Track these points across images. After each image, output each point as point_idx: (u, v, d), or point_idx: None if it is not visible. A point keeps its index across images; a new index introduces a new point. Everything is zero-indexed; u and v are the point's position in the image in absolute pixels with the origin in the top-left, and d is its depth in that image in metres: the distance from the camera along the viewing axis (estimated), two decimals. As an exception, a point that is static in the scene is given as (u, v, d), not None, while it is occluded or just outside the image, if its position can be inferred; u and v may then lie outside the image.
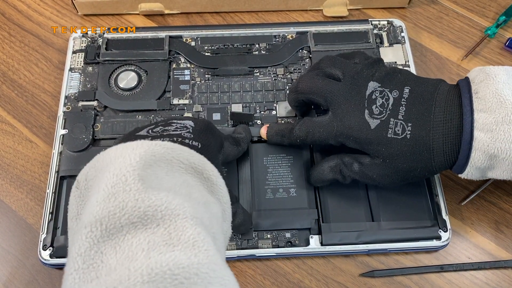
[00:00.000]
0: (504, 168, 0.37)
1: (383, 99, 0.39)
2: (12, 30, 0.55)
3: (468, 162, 0.37)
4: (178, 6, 0.56)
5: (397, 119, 0.38)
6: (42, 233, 0.43)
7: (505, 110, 0.36)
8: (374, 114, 0.39)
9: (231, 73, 0.51)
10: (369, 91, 0.40)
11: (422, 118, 0.38)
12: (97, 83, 0.50)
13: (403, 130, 0.38)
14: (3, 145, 0.49)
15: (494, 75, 0.37)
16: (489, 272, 0.44)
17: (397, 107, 0.39)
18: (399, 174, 0.40)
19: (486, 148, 0.36)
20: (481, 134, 0.36)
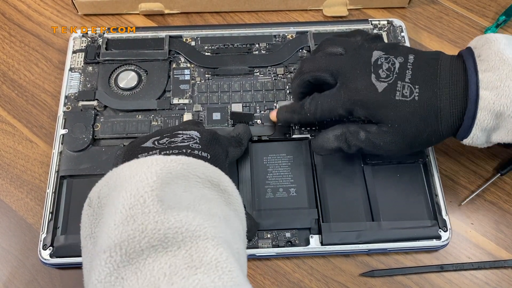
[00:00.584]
0: (508, 127, 0.37)
1: (389, 64, 0.39)
2: (12, 30, 0.55)
3: (474, 122, 0.37)
4: (178, 6, 0.56)
5: (404, 82, 0.39)
6: (42, 233, 0.43)
7: (508, 67, 0.36)
8: (381, 77, 0.39)
9: (231, 72, 0.51)
10: (374, 58, 0.40)
11: (429, 81, 0.38)
12: (97, 83, 0.50)
13: (411, 92, 0.38)
14: (3, 145, 0.49)
15: (495, 38, 0.38)
16: (489, 272, 0.44)
17: (404, 70, 0.39)
18: (406, 140, 0.39)
19: (492, 106, 0.36)
20: (486, 93, 0.37)
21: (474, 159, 0.49)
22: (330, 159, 0.46)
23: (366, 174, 0.45)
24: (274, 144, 0.47)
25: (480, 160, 0.49)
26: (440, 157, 0.48)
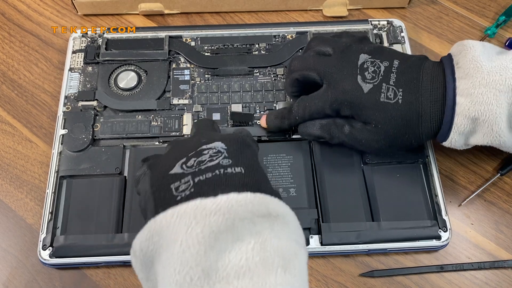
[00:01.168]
0: (484, 131, 0.39)
1: (375, 67, 0.41)
2: (12, 30, 0.55)
3: (452, 127, 0.39)
4: (178, 6, 0.56)
5: (388, 85, 0.40)
6: (42, 233, 0.43)
7: (481, 74, 0.38)
8: (366, 79, 0.40)
9: (231, 73, 0.51)
10: (360, 61, 0.41)
11: (412, 85, 0.40)
12: (97, 83, 0.50)
13: (395, 95, 0.40)
14: (3, 145, 0.49)
15: (471, 46, 0.40)
16: (489, 272, 0.44)
17: (388, 74, 0.40)
18: (387, 140, 0.41)
19: (467, 112, 0.38)
20: (462, 99, 0.38)
21: (474, 159, 0.49)
22: (330, 160, 0.46)
23: (366, 174, 0.45)
24: (274, 144, 0.47)
25: (480, 160, 0.49)
26: (440, 157, 0.48)
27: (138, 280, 0.41)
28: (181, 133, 0.47)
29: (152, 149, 0.47)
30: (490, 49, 0.40)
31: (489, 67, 0.38)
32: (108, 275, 0.43)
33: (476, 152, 0.49)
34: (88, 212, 0.43)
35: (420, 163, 0.46)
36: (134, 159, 0.46)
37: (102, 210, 0.44)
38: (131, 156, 0.46)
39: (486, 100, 0.37)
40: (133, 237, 0.42)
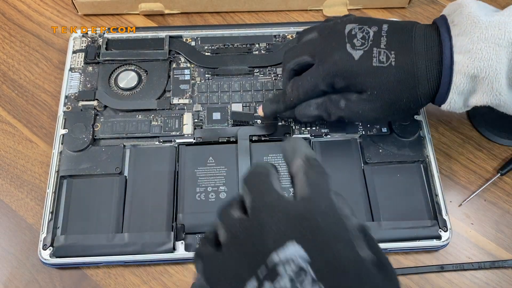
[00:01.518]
0: (484, 89, 0.37)
1: (363, 33, 0.40)
2: (12, 30, 0.55)
3: (451, 87, 0.38)
4: (178, 6, 0.56)
5: (380, 48, 0.39)
6: (42, 233, 0.43)
7: (479, 29, 0.36)
8: (356, 46, 0.39)
9: (231, 72, 0.51)
10: (347, 29, 0.40)
11: (404, 46, 0.39)
12: (97, 83, 0.50)
13: (387, 58, 0.39)
14: (3, 145, 0.49)
15: (466, 3, 0.38)
16: (489, 272, 0.44)
17: (378, 38, 0.39)
18: (385, 107, 0.40)
19: (466, 69, 0.37)
20: (460, 57, 0.37)
21: (474, 159, 0.49)
22: (330, 160, 0.46)
23: (366, 174, 0.45)
24: (274, 144, 0.47)
25: (480, 160, 0.49)
26: (440, 157, 0.48)
27: (138, 279, 0.41)
28: (181, 132, 0.47)
29: (152, 148, 0.47)
30: (486, 7, 0.39)
31: (487, 22, 0.37)
32: (108, 275, 0.43)
33: (476, 152, 0.49)
34: (89, 212, 0.43)
35: (420, 163, 0.46)
36: (134, 158, 0.46)
37: (102, 210, 0.44)
38: (131, 156, 0.46)
39: (486, 56, 0.36)
40: (133, 237, 0.42)
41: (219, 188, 0.45)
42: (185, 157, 0.46)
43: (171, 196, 0.44)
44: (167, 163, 0.46)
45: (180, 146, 0.47)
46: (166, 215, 0.43)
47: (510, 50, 0.36)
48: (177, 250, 0.42)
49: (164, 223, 0.43)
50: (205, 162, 0.46)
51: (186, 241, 0.43)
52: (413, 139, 0.47)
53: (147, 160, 0.46)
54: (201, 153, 0.46)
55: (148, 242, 0.42)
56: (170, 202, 0.44)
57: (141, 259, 0.42)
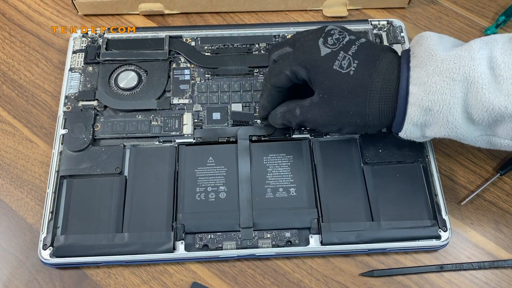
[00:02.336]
0: (440, 123, 0.37)
1: (340, 35, 0.41)
2: (12, 31, 0.55)
3: (405, 117, 0.38)
4: (178, 6, 0.56)
5: (346, 54, 0.39)
6: (42, 233, 0.43)
7: (435, 62, 0.37)
8: (327, 43, 0.40)
9: (231, 72, 0.51)
10: (329, 28, 0.41)
11: (369, 60, 0.39)
12: (97, 83, 0.50)
13: (349, 65, 0.39)
14: (4, 145, 0.49)
15: (427, 36, 0.39)
16: (489, 272, 0.44)
17: (350, 45, 0.40)
18: (332, 114, 0.40)
19: (420, 101, 0.37)
20: (415, 88, 0.37)
21: (474, 159, 0.49)
22: (330, 160, 0.46)
23: (366, 174, 0.45)
24: (274, 144, 0.47)
25: (480, 160, 0.49)
26: (440, 157, 0.48)
27: (138, 279, 0.41)
28: (181, 132, 0.47)
29: (152, 148, 0.47)
30: (448, 41, 0.40)
31: (444, 55, 0.37)
32: (108, 274, 0.43)
33: (476, 152, 0.49)
34: (89, 212, 0.44)
35: (420, 163, 0.46)
36: (134, 158, 0.46)
37: (102, 209, 0.44)
38: (132, 156, 0.46)
39: (440, 90, 0.36)
40: (133, 236, 0.42)
41: (219, 188, 0.45)
42: (185, 157, 0.46)
43: (171, 196, 0.44)
44: (167, 163, 0.46)
45: (180, 146, 0.47)
46: (166, 215, 0.43)
47: (465, 85, 0.36)
48: (177, 250, 0.42)
49: (164, 223, 0.43)
50: (205, 162, 0.46)
51: (186, 241, 0.43)
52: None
53: (147, 160, 0.46)
54: (201, 153, 0.46)
55: (148, 242, 0.42)
56: (170, 202, 0.44)
57: (141, 259, 0.42)
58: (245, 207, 0.44)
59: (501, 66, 0.35)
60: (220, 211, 0.44)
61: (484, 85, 0.35)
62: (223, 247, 0.43)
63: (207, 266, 0.44)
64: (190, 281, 0.43)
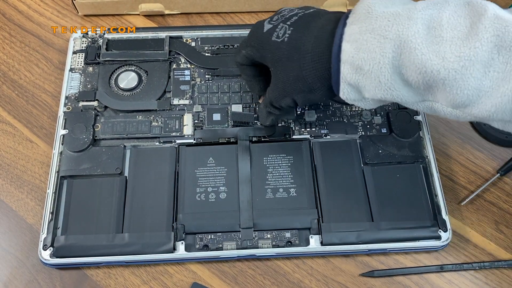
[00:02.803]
0: (373, 84, 0.35)
1: (290, 13, 0.40)
2: (12, 31, 0.55)
3: (340, 76, 0.36)
4: (178, 6, 0.56)
5: (284, 24, 0.39)
6: (42, 233, 0.43)
7: (369, 20, 0.35)
8: (272, 20, 0.40)
9: (231, 73, 0.51)
10: (281, 9, 0.41)
11: (304, 26, 0.38)
12: (97, 83, 0.50)
13: (284, 34, 0.39)
14: (4, 145, 0.49)
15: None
16: (489, 272, 0.44)
17: (292, 17, 0.39)
18: (279, 85, 0.40)
19: (351, 59, 0.35)
20: (348, 45, 0.35)
21: (474, 159, 0.49)
22: (330, 160, 0.46)
23: (366, 174, 0.46)
24: (274, 144, 0.47)
25: (480, 160, 0.49)
26: (440, 157, 0.48)
27: (138, 279, 0.41)
28: (182, 133, 0.47)
29: (152, 149, 0.47)
30: (399, 1, 0.37)
31: (380, 12, 0.35)
32: (108, 275, 0.43)
33: (476, 152, 0.49)
34: (89, 212, 0.44)
35: (420, 163, 0.46)
36: (134, 159, 0.46)
37: (102, 210, 0.44)
38: (132, 156, 0.46)
39: (370, 47, 0.34)
40: (134, 237, 0.42)
41: (219, 188, 0.45)
42: (185, 157, 0.46)
43: (171, 196, 0.44)
44: (168, 164, 0.46)
45: (180, 146, 0.47)
46: (166, 215, 0.43)
47: (397, 44, 0.33)
48: (177, 250, 0.42)
49: (164, 223, 0.43)
50: (205, 162, 0.46)
51: (186, 241, 0.43)
52: (412, 139, 0.47)
53: (147, 161, 0.46)
54: (201, 154, 0.46)
55: (148, 242, 0.42)
56: (170, 203, 0.44)
57: (141, 259, 0.42)
58: (245, 208, 0.44)
59: (444, 27, 0.33)
60: (220, 212, 0.44)
61: (417, 45, 0.33)
62: (223, 248, 0.43)
63: (207, 266, 0.44)
64: (190, 282, 0.43)
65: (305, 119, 0.48)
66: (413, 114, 0.48)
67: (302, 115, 0.49)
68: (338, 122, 0.48)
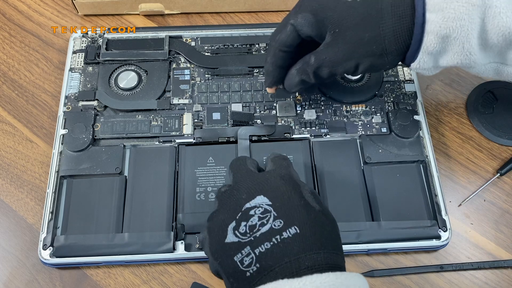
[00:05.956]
0: (455, 50, 0.37)
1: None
2: (12, 31, 0.55)
3: (421, 46, 0.37)
4: (178, 6, 0.56)
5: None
6: (42, 233, 0.43)
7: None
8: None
9: (231, 73, 0.51)
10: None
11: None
12: (97, 83, 0.50)
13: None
14: (4, 145, 0.49)
15: None
16: (489, 272, 0.44)
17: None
18: (346, 47, 0.38)
19: (438, 29, 0.36)
20: (433, 15, 0.36)
21: (474, 159, 0.49)
22: (330, 159, 0.46)
23: (366, 174, 0.46)
24: (274, 144, 0.47)
25: (479, 160, 0.49)
26: (440, 157, 0.48)
27: (138, 279, 0.41)
28: (181, 132, 0.47)
29: (152, 148, 0.47)
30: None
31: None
32: (108, 274, 0.43)
33: (475, 152, 0.49)
34: (89, 212, 0.44)
35: (420, 163, 0.46)
36: (134, 158, 0.46)
37: (102, 210, 0.44)
38: (132, 156, 0.46)
39: (459, 16, 0.35)
40: (133, 236, 0.42)
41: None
42: (185, 157, 0.46)
43: (171, 196, 0.44)
44: (167, 163, 0.46)
45: (180, 146, 0.47)
46: (166, 215, 0.43)
47: (482, 10, 0.35)
48: (177, 250, 0.42)
49: (164, 223, 0.43)
50: (205, 162, 0.46)
51: (186, 241, 0.43)
52: (412, 139, 0.47)
53: (147, 160, 0.46)
54: (201, 153, 0.46)
55: (148, 242, 0.42)
56: (170, 202, 0.44)
57: (141, 259, 0.42)
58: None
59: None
60: (220, 211, 0.44)
61: (502, 9, 0.35)
62: (223, 247, 0.43)
63: (207, 266, 0.44)
64: (190, 281, 0.43)
65: (305, 118, 0.48)
66: (413, 113, 0.48)
67: (302, 115, 0.49)
68: (338, 122, 0.48)
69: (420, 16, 0.36)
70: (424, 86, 0.52)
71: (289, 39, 0.40)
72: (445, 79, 0.53)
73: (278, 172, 0.37)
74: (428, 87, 0.53)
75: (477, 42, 0.36)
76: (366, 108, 0.49)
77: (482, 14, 0.35)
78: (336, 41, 0.38)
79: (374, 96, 0.50)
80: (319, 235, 0.33)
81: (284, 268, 0.32)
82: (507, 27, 0.35)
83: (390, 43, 0.37)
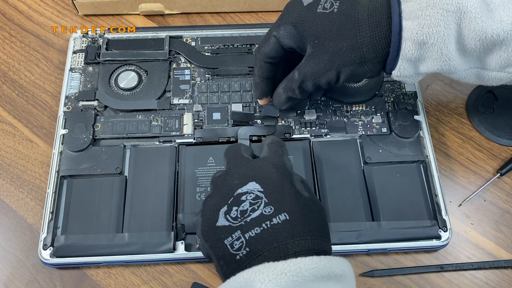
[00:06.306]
0: (434, 56, 0.37)
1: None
2: (12, 31, 0.55)
3: (400, 53, 0.37)
4: (178, 6, 0.56)
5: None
6: (42, 233, 0.43)
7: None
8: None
9: (231, 73, 0.51)
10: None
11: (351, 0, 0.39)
12: (97, 83, 0.50)
13: (331, 5, 0.39)
14: (4, 145, 0.49)
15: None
16: (489, 272, 0.44)
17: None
18: (326, 57, 0.39)
19: (415, 36, 0.36)
20: (409, 23, 0.36)
21: (474, 159, 0.49)
22: (330, 159, 0.46)
23: (366, 174, 0.46)
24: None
25: (480, 160, 0.49)
26: (440, 157, 0.48)
27: (138, 279, 0.41)
28: (182, 132, 0.47)
29: (152, 148, 0.47)
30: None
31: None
32: (108, 274, 0.43)
33: (476, 152, 0.49)
34: (89, 212, 0.44)
35: (420, 163, 0.46)
36: (134, 158, 0.46)
37: (102, 210, 0.44)
38: (132, 156, 0.46)
39: (434, 22, 0.36)
40: (134, 236, 0.42)
41: (219, 188, 0.45)
42: (185, 157, 0.46)
43: (171, 196, 0.44)
44: (167, 163, 0.46)
45: (180, 146, 0.47)
46: (166, 215, 0.43)
47: (458, 15, 0.35)
48: (177, 250, 0.42)
49: (164, 223, 0.43)
50: (205, 162, 0.46)
51: (186, 241, 0.43)
52: (413, 139, 0.47)
53: (147, 160, 0.46)
54: (201, 153, 0.46)
55: (148, 242, 0.42)
56: (170, 202, 0.44)
57: (141, 259, 0.42)
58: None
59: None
60: (220, 211, 0.44)
61: (476, 14, 0.35)
62: (223, 247, 0.43)
63: (207, 266, 0.44)
64: (190, 281, 0.43)
65: (305, 118, 0.48)
66: (413, 114, 0.48)
67: (302, 114, 0.49)
68: (338, 122, 0.48)
69: (396, 24, 0.37)
70: (424, 86, 0.52)
71: (272, 51, 0.42)
72: (445, 79, 0.53)
73: (272, 159, 0.38)
74: (428, 87, 0.53)
75: (455, 48, 0.37)
76: (366, 108, 0.49)
77: (457, 19, 0.36)
78: (317, 52, 0.39)
79: (374, 96, 0.50)
80: (308, 222, 0.34)
81: (272, 252, 0.33)
82: (483, 31, 0.35)
83: (368, 50, 0.38)
